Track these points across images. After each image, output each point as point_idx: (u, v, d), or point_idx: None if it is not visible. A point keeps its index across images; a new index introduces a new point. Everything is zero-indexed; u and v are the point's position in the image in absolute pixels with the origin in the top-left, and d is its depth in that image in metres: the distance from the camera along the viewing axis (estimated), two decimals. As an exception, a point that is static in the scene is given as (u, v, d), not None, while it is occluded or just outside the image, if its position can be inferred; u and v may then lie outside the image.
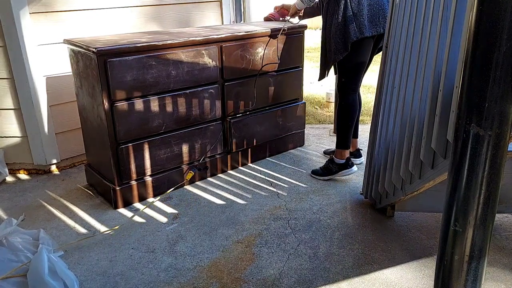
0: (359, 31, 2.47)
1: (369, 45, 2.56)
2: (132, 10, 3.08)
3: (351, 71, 2.63)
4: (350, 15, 2.46)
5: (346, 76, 2.65)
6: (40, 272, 1.70)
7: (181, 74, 2.49)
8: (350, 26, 2.46)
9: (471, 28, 0.92)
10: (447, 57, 1.37)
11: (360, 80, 2.73)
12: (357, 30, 2.46)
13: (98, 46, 2.20)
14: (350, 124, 2.70)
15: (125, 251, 2.11)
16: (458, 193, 1.02)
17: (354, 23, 2.46)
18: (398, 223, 2.31)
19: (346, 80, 2.65)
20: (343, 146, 2.73)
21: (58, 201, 2.61)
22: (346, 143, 2.72)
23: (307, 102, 4.52)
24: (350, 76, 2.65)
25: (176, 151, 2.62)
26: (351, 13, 2.45)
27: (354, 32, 2.46)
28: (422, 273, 1.92)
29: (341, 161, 2.75)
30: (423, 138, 1.55)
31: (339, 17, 2.47)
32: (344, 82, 2.66)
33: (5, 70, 2.73)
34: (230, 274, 1.94)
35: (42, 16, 2.71)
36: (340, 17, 2.47)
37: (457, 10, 1.32)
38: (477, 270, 1.05)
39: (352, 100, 2.67)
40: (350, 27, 2.46)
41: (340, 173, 2.76)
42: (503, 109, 0.92)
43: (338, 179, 2.80)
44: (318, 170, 2.84)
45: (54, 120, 2.89)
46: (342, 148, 2.73)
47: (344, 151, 2.73)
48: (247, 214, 2.41)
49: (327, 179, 2.78)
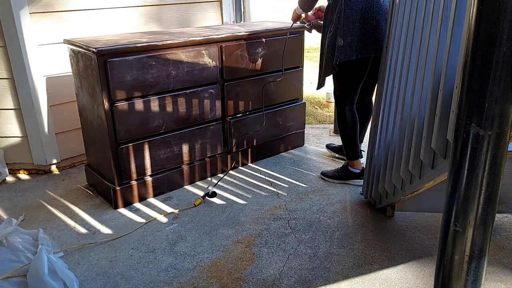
0: (344, 52, 2.35)
1: (362, 64, 2.44)
2: (132, 10, 3.08)
3: (344, 86, 2.55)
4: (341, 31, 2.33)
5: (339, 90, 2.58)
6: (40, 273, 1.70)
7: (181, 74, 2.49)
8: (338, 44, 2.35)
9: (471, 28, 0.92)
10: (447, 57, 1.37)
11: (355, 95, 2.59)
12: (343, 51, 2.35)
13: (98, 46, 2.20)
14: (350, 135, 2.62)
15: (125, 251, 2.11)
16: (458, 193, 1.02)
17: (343, 42, 2.34)
18: (398, 223, 2.31)
19: (339, 94, 2.58)
20: (352, 157, 2.68)
21: (58, 201, 2.61)
22: (354, 154, 2.67)
23: (307, 102, 4.52)
24: (343, 91, 2.56)
25: (176, 151, 2.62)
26: (342, 29, 2.33)
27: (340, 52, 2.35)
28: (422, 273, 1.92)
29: (356, 171, 2.70)
30: (423, 138, 1.55)
31: (332, 29, 2.37)
32: (337, 95, 2.60)
33: (5, 70, 2.73)
34: (230, 274, 1.94)
35: (42, 16, 2.71)
36: (332, 29, 2.37)
37: (457, 10, 1.32)
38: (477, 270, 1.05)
39: (347, 114, 2.59)
40: (339, 45, 2.35)
41: (352, 181, 2.72)
42: (503, 109, 0.92)
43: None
44: (330, 172, 2.78)
45: (54, 120, 2.89)
46: (352, 159, 2.68)
47: (357, 161, 2.68)
48: (247, 214, 2.42)
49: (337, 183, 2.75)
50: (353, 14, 2.31)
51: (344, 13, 2.32)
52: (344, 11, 2.31)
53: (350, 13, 2.31)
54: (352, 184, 2.71)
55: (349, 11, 2.31)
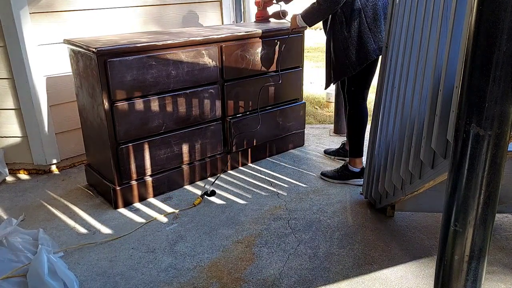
0: (378, 48, 2.39)
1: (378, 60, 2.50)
2: (132, 10, 3.08)
3: (362, 79, 2.56)
4: (366, 30, 2.36)
5: (356, 84, 2.57)
6: (40, 273, 1.70)
7: (181, 74, 2.49)
8: (367, 43, 2.37)
9: (471, 28, 0.92)
10: (447, 57, 1.37)
11: (369, 89, 2.65)
12: (376, 48, 2.39)
13: (98, 46, 2.20)
14: (361, 132, 2.65)
15: (125, 251, 2.11)
16: (458, 193, 1.02)
17: (372, 39, 2.37)
18: (398, 223, 2.31)
19: (356, 88, 2.58)
20: (356, 154, 2.69)
21: (58, 201, 2.61)
22: (359, 151, 2.68)
23: (307, 102, 4.52)
24: (361, 84, 2.58)
25: (176, 151, 2.62)
26: (367, 28, 2.36)
27: (373, 50, 2.38)
28: (422, 273, 1.92)
29: (355, 170, 2.70)
30: (423, 138, 1.55)
31: (352, 31, 2.38)
32: (353, 90, 2.59)
33: (5, 70, 2.73)
34: (230, 274, 1.94)
35: (42, 16, 2.71)
36: (353, 31, 2.37)
37: (457, 10, 1.32)
38: (477, 270, 1.05)
39: (362, 108, 2.62)
40: (368, 44, 2.37)
41: (352, 181, 2.72)
42: (503, 109, 0.92)
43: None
44: (330, 172, 2.78)
45: (54, 120, 2.89)
46: (356, 157, 2.69)
47: (359, 159, 2.69)
48: (247, 214, 2.41)
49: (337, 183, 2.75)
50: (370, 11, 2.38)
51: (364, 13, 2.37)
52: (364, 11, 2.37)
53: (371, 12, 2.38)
54: (352, 184, 2.71)
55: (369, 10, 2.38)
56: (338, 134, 3.57)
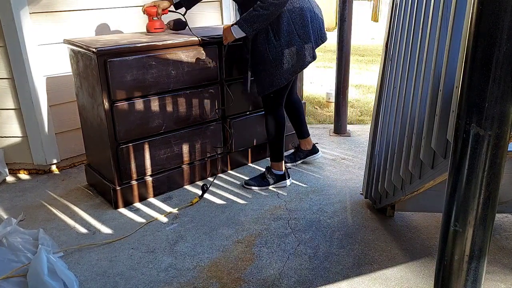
0: (309, 54, 2.36)
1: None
2: (132, 10, 3.08)
3: (285, 87, 2.48)
4: (295, 36, 2.29)
5: (276, 91, 2.47)
6: (40, 273, 1.70)
7: (181, 74, 2.49)
8: (301, 49, 2.31)
9: (471, 28, 0.92)
10: (447, 57, 1.37)
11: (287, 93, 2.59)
12: (308, 54, 2.36)
13: (98, 46, 2.20)
14: (280, 136, 2.62)
15: (125, 251, 2.11)
16: (458, 193, 1.02)
17: (303, 45, 2.31)
18: (398, 223, 2.31)
19: (275, 95, 2.51)
20: (278, 159, 2.68)
21: (58, 201, 2.61)
22: (280, 155, 2.67)
23: (307, 102, 4.53)
24: (281, 91, 2.50)
25: (176, 151, 2.62)
26: (296, 35, 2.29)
27: (309, 54, 2.36)
28: (422, 273, 1.92)
29: (279, 172, 2.69)
30: (423, 138, 1.55)
31: (282, 38, 2.28)
32: (272, 97, 2.52)
33: (5, 70, 2.73)
34: (230, 274, 1.94)
35: (42, 16, 2.71)
36: (283, 38, 2.28)
37: (457, 10, 1.32)
38: (477, 270, 1.05)
39: (281, 113, 2.59)
40: (302, 50, 2.32)
41: (276, 184, 2.70)
42: (503, 109, 0.92)
43: (338, 179, 2.80)
44: (253, 180, 2.71)
45: (54, 120, 2.89)
46: (278, 161, 2.68)
47: (281, 163, 2.69)
48: (247, 214, 2.42)
49: (263, 189, 2.69)
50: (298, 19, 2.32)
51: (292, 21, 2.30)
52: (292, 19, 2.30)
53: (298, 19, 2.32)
54: (352, 184, 2.71)
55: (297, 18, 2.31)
56: (338, 134, 3.57)
